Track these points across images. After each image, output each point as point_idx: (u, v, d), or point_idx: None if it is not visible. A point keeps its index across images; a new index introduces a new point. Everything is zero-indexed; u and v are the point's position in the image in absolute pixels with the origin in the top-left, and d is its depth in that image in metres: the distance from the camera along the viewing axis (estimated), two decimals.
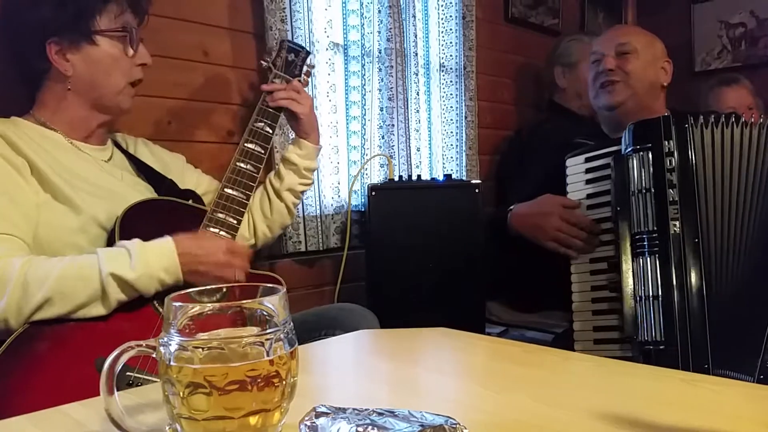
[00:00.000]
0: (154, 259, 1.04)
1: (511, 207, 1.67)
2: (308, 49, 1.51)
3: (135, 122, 1.48)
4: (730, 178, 1.22)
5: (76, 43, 1.15)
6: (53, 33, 1.14)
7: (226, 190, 1.28)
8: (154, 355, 0.48)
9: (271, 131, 1.38)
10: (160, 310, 1.07)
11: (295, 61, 1.47)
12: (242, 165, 1.31)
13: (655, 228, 1.24)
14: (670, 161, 1.24)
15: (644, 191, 1.26)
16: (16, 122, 1.17)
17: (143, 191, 1.25)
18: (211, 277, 1.11)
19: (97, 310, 1.02)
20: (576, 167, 1.51)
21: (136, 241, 1.06)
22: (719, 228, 1.21)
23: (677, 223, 1.22)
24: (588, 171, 1.48)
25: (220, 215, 1.24)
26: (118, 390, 0.49)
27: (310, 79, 1.53)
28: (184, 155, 1.50)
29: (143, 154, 1.36)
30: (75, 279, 0.99)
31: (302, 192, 1.51)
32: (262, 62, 1.49)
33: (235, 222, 1.25)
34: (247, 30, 1.77)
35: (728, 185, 1.22)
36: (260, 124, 1.36)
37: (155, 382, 0.93)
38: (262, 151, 1.34)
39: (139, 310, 1.06)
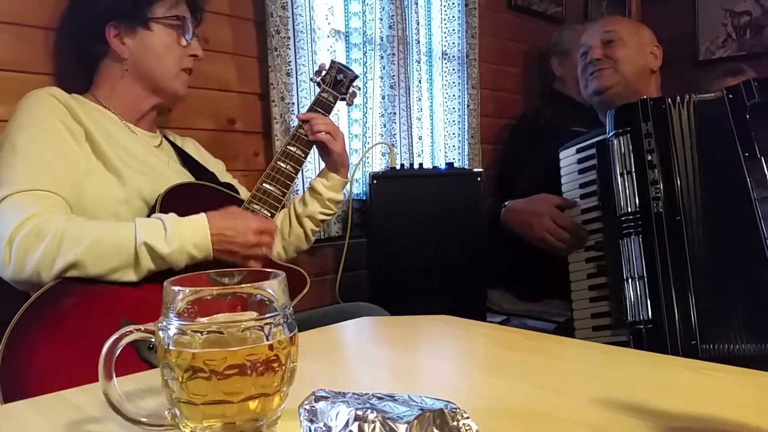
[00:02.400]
0: (187, 235, 1.07)
1: (506, 203, 1.70)
2: (356, 73, 1.56)
3: None
4: (710, 153, 1.23)
5: (133, 27, 1.24)
6: (112, 18, 1.23)
7: (264, 184, 1.32)
8: (152, 339, 0.48)
9: (303, 156, 1.41)
10: None
11: (342, 80, 1.51)
12: (282, 165, 1.36)
13: (638, 209, 1.25)
14: (649, 142, 1.25)
15: (626, 174, 1.28)
16: (76, 98, 1.23)
17: (185, 178, 1.30)
18: (240, 256, 1.15)
19: (128, 276, 1.05)
20: (569, 159, 1.53)
21: (172, 215, 1.10)
22: (700, 203, 1.22)
23: (659, 202, 1.23)
24: (580, 161, 1.49)
25: (255, 206, 1.29)
26: (141, 356, 0.49)
27: (354, 100, 1.57)
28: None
29: (190, 151, 1.42)
30: (110, 243, 1.03)
31: (323, 221, 1.52)
32: (312, 79, 1.53)
33: (268, 215, 1.29)
34: (247, 17, 1.76)
35: (705, 160, 1.23)
36: (293, 148, 1.40)
37: None
38: (293, 171, 1.38)
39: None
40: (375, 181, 1.79)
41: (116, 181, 1.15)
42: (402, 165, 1.93)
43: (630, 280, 1.24)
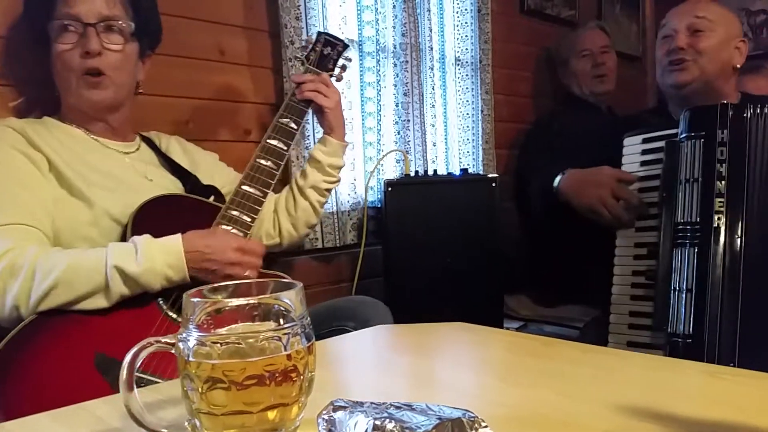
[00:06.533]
0: (159, 255, 1.04)
1: (565, 171, 1.59)
2: (346, 41, 1.47)
3: (153, 122, 1.49)
4: None
5: (50, 50, 1.19)
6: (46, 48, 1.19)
7: (243, 187, 1.24)
8: (173, 351, 0.49)
9: (296, 127, 1.34)
10: (164, 308, 1.07)
11: (330, 54, 1.43)
12: (262, 162, 1.28)
13: (698, 219, 1.19)
14: (722, 152, 1.19)
15: (692, 180, 1.21)
16: (44, 122, 1.22)
17: (168, 185, 1.27)
18: (220, 276, 1.09)
19: (100, 302, 1.01)
20: (633, 147, 1.45)
21: (146, 236, 1.06)
22: (764, 224, 1.16)
23: (721, 216, 1.17)
24: (644, 152, 1.42)
25: (234, 212, 1.21)
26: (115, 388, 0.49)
27: (344, 74, 1.50)
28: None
29: (174, 151, 1.39)
30: (81, 269, 1.00)
31: (328, 190, 1.47)
32: (297, 57, 1.47)
33: (249, 220, 1.21)
34: (262, 28, 1.78)
35: None
36: (285, 120, 1.34)
37: (153, 382, 0.93)
38: (285, 148, 1.30)
39: (142, 307, 1.06)
40: (390, 189, 1.80)
41: (82, 205, 1.12)
42: (416, 172, 1.93)
43: (678, 291, 1.20)
